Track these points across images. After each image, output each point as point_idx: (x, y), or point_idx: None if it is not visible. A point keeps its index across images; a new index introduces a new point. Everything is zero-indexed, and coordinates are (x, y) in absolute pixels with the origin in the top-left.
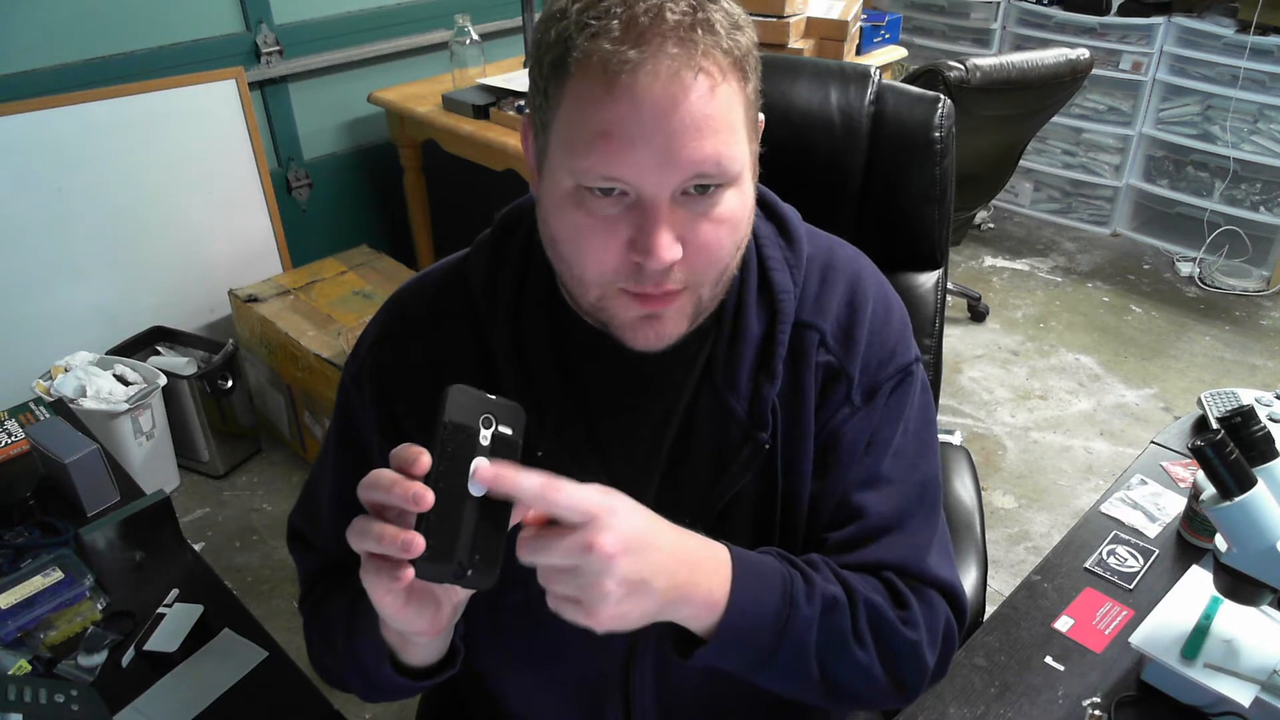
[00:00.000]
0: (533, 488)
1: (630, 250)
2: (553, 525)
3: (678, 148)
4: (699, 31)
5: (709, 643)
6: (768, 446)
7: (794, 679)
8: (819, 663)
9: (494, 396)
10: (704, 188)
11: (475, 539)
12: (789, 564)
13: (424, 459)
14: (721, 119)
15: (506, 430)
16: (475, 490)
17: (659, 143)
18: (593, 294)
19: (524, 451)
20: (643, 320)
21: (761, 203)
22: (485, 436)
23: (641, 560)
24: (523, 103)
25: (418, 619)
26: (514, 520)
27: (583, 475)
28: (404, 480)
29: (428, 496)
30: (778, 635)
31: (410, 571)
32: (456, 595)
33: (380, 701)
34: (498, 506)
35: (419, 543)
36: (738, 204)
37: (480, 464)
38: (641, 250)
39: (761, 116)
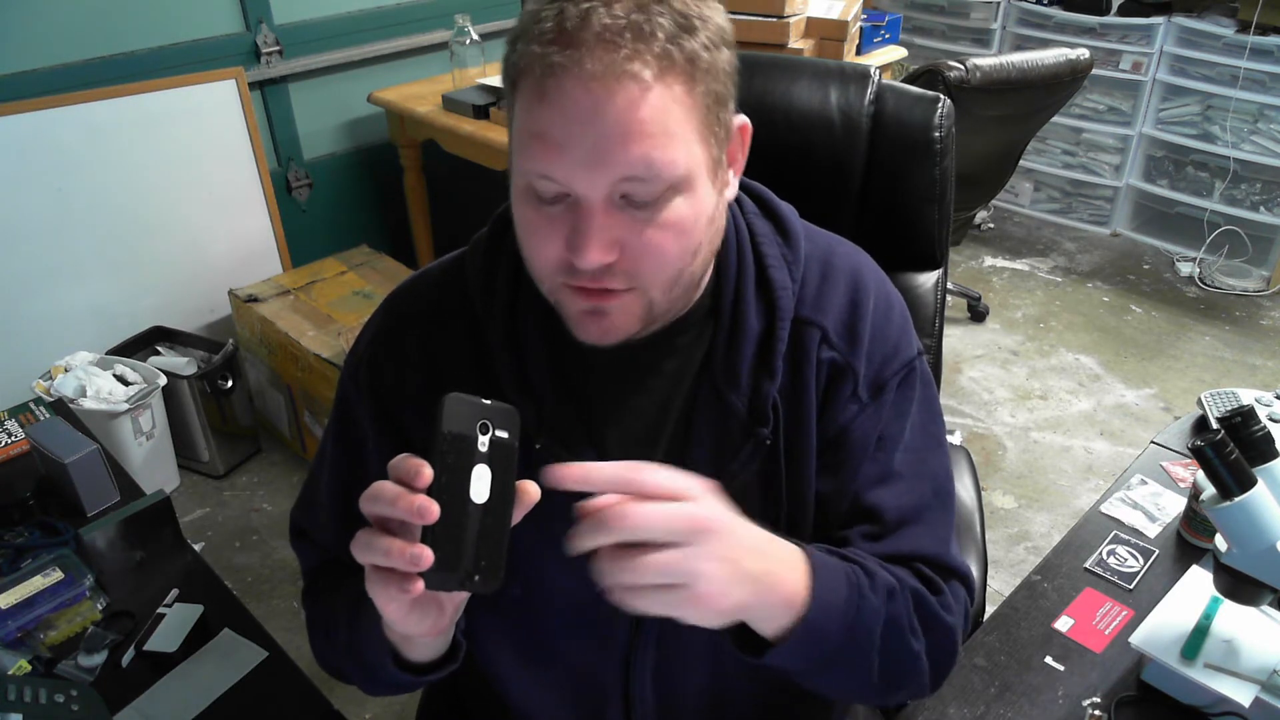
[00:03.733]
0: (616, 474)
1: (565, 248)
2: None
3: (603, 150)
4: (627, 35)
5: (787, 640)
6: (769, 443)
7: (856, 674)
8: (881, 655)
9: (489, 401)
10: (644, 195)
11: (479, 545)
12: (843, 558)
13: (426, 471)
14: (653, 122)
15: (503, 434)
16: (477, 497)
17: (586, 145)
18: (546, 286)
19: (522, 448)
20: (588, 314)
21: (758, 200)
22: (483, 443)
23: (734, 540)
24: None
25: (421, 623)
26: (515, 521)
27: None
28: (408, 494)
29: (434, 509)
30: (850, 629)
31: (420, 584)
32: (458, 596)
33: (383, 695)
34: (498, 511)
35: (428, 555)
36: (687, 210)
37: (551, 470)
38: (572, 249)
39: (743, 119)
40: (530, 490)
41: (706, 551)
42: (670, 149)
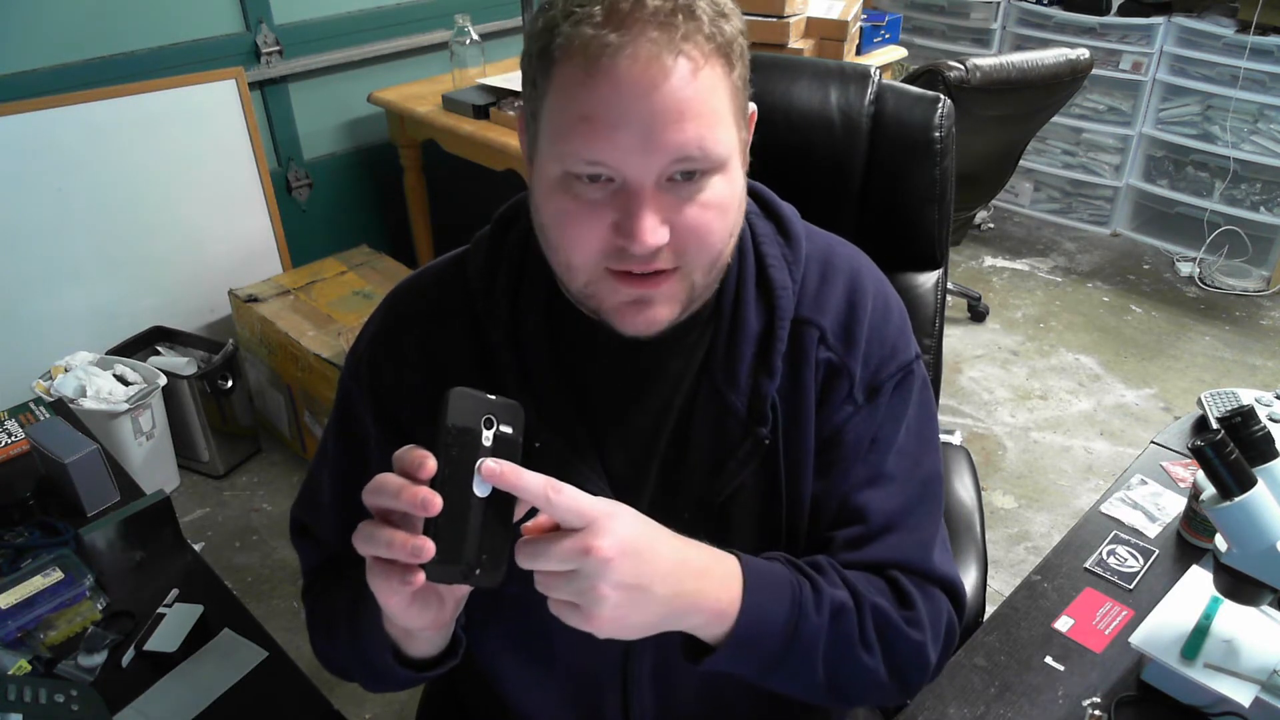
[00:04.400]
0: (535, 487)
1: (615, 234)
2: (554, 531)
3: (659, 130)
4: (679, 17)
5: (718, 650)
6: (767, 442)
7: (800, 682)
8: (825, 667)
9: (494, 396)
10: (690, 174)
11: (482, 539)
12: (797, 571)
13: (430, 463)
14: (704, 103)
15: (507, 429)
16: (480, 491)
17: (640, 126)
18: (581, 279)
19: (523, 446)
20: (631, 305)
21: (759, 201)
22: (487, 438)
23: (641, 566)
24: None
25: (423, 616)
26: (517, 516)
27: (579, 468)
28: (411, 485)
29: (436, 501)
30: (786, 643)
31: (421, 575)
32: (459, 590)
33: (384, 691)
34: (502, 505)
35: (430, 547)
36: (725, 190)
37: (486, 463)
38: (626, 234)
39: (752, 107)
40: None
41: (601, 580)
42: (719, 129)
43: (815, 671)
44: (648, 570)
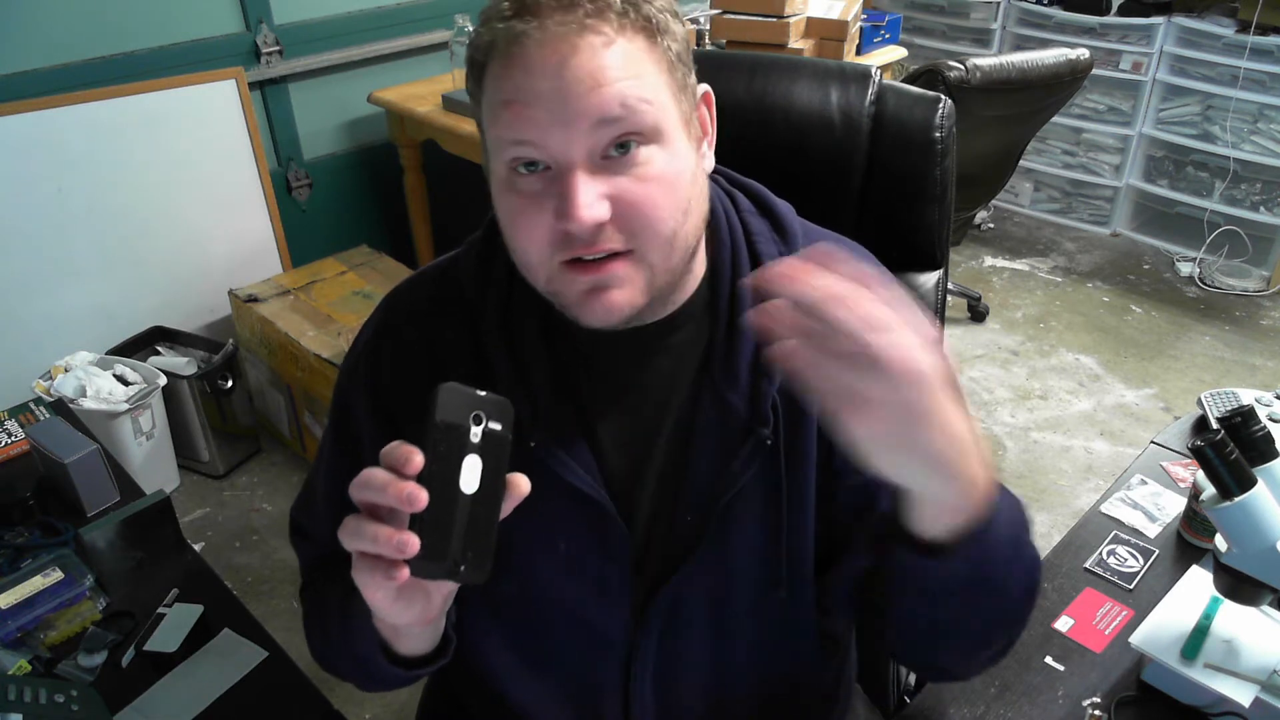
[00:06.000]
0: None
1: (556, 220)
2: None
3: (573, 100)
4: (587, 1)
5: (980, 519)
6: (769, 442)
7: (997, 598)
8: (1016, 588)
9: (483, 393)
10: (624, 146)
11: (468, 535)
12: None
13: (416, 459)
14: (620, 68)
15: (496, 426)
16: (467, 487)
17: (555, 99)
18: (541, 277)
19: (516, 444)
20: (589, 294)
21: (754, 198)
22: (475, 434)
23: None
24: None
25: (408, 612)
26: (504, 514)
27: (575, 469)
28: (397, 480)
29: (422, 496)
30: (1015, 546)
31: (406, 571)
32: (446, 587)
33: (377, 691)
34: (488, 502)
35: (414, 543)
36: (665, 162)
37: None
38: (562, 214)
39: (704, 87)
40: (521, 483)
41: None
42: (642, 89)
43: (1009, 589)
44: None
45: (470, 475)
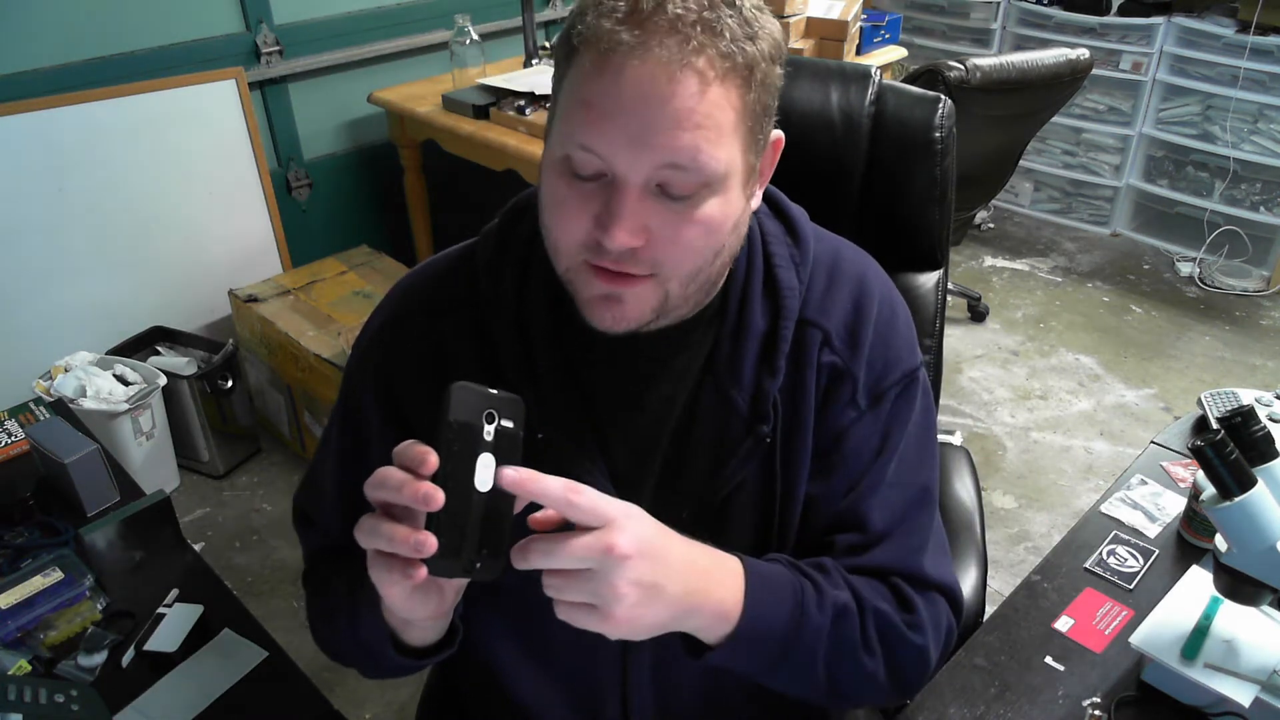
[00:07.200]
0: (556, 492)
1: (595, 226)
2: (562, 529)
3: (653, 133)
4: (698, 29)
5: (719, 647)
6: (769, 440)
7: (800, 682)
8: (826, 668)
9: (495, 391)
10: (683, 194)
11: (482, 533)
12: (799, 572)
13: (432, 458)
14: (705, 116)
15: (508, 424)
16: (481, 486)
17: (635, 124)
18: (563, 263)
19: (524, 439)
20: (602, 299)
21: (770, 201)
22: (489, 432)
23: (655, 565)
24: (523, 103)
25: (424, 607)
26: (517, 510)
27: (582, 463)
28: (413, 480)
29: (439, 497)
30: (788, 643)
31: (423, 570)
32: (459, 582)
33: (381, 678)
34: (502, 499)
35: (432, 542)
36: (717, 210)
37: (505, 471)
38: (602, 226)
39: (778, 133)
40: None
41: (620, 577)
42: (718, 146)
43: (816, 671)
44: (661, 569)
45: (484, 473)
